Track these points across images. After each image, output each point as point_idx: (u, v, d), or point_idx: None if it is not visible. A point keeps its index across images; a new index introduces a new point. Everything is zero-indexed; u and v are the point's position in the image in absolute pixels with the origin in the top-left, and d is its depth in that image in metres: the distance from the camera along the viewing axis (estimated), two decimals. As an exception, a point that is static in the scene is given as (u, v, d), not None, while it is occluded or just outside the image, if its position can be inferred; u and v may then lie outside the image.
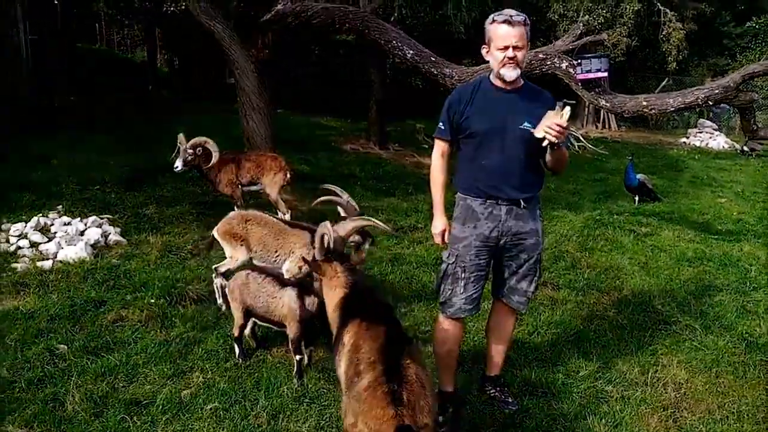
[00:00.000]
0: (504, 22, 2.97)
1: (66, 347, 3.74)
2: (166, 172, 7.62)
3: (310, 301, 3.49)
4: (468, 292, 3.18)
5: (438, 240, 3.27)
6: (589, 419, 3.33)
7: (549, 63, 5.62)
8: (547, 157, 3.08)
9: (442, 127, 3.19)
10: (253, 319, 3.76)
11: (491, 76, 3.15)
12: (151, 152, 8.47)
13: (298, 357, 3.55)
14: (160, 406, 3.21)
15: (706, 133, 17.47)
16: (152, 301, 4.38)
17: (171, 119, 10.59)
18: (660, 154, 14.46)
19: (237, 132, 8.24)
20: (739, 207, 9.04)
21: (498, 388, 3.51)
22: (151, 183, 7.25)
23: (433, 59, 6.45)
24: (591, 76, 5.46)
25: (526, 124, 3.04)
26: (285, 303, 3.53)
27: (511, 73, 3.01)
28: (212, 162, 5.67)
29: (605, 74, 5.46)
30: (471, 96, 3.12)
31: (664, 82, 20.20)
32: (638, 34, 17.18)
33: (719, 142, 16.84)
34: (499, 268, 3.31)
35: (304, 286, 3.50)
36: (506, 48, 2.97)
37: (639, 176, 8.97)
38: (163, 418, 3.12)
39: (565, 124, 2.86)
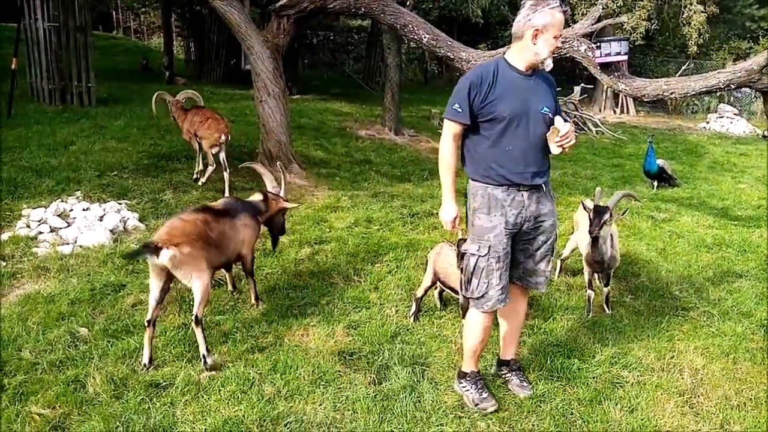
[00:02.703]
0: (561, 11, 2.96)
1: (87, 330, 3.80)
2: (183, 158, 7.70)
3: None
4: (502, 282, 3.12)
5: (449, 227, 3.21)
6: (605, 404, 3.33)
7: (568, 46, 5.56)
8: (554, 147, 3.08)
9: (459, 110, 3.02)
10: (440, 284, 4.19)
11: (509, 60, 3.08)
12: (167, 138, 8.54)
13: (464, 321, 3.86)
14: (179, 388, 3.26)
15: (727, 118, 17.20)
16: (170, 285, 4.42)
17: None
18: (679, 139, 14.27)
19: (253, 118, 8.28)
20: (760, 193, 8.91)
21: (514, 372, 3.51)
22: (168, 169, 7.30)
23: (449, 43, 6.41)
24: (610, 59, 5.39)
25: (545, 108, 3.04)
26: (456, 272, 3.79)
27: (551, 62, 3.05)
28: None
29: (625, 57, 5.38)
30: (493, 79, 3.01)
31: (685, 66, 19.89)
32: (658, 18, 16.93)
33: (740, 127, 16.58)
34: (514, 253, 3.26)
35: None
36: (557, 37, 3.00)
37: (659, 161, 8.86)
38: (182, 400, 3.17)
39: (566, 130, 2.95)
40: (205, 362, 3.48)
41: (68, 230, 5.25)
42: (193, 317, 3.52)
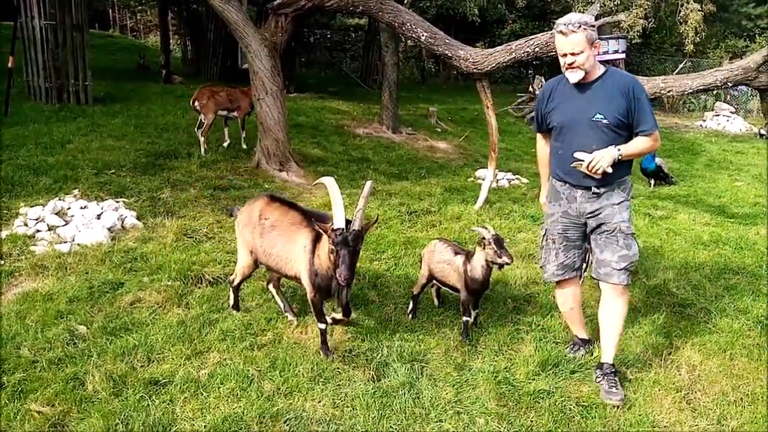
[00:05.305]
0: (559, 32, 3.23)
1: (85, 328, 3.80)
2: (180, 156, 7.70)
3: (475, 271, 3.79)
4: (559, 259, 3.58)
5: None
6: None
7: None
8: None
9: (534, 119, 3.67)
10: (436, 282, 4.20)
11: None
12: (165, 137, 8.52)
13: (464, 318, 3.92)
14: (178, 386, 3.26)
15: (723, 116, 17.24)
16: (169, 283, 4.43)
17: (185, 104, 10.62)
18: (676, 138, 14.30)
19: (251, 116, 8.28)
20: (756, 190, 8.95)
21: (605, 377, 3.41)
22: (166, 167, 7.29)
23: (447, 41, 6.43)
24: (608, 57, 5.42)
25: (597, 115, 3.25)
26: (455, 269, 3.92)
27: (573, 77, 3.28)
28: None
29: (622, 56, 5.42)
30: (552, 91, 3.47)
31: (682, 64, 19.92)
32: (655, 16, 16.94)
33: (737, 125, 16.62)
34: (592, 248, 3.55)
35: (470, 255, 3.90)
36: (564, 55, 3.26)
37: (657, 160, 8.88)
38: (181, 397, 3.18)
39: (587, 162, 3.20)
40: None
41: (66, 228, 5.25)
42: (228, 281, 4.27)
